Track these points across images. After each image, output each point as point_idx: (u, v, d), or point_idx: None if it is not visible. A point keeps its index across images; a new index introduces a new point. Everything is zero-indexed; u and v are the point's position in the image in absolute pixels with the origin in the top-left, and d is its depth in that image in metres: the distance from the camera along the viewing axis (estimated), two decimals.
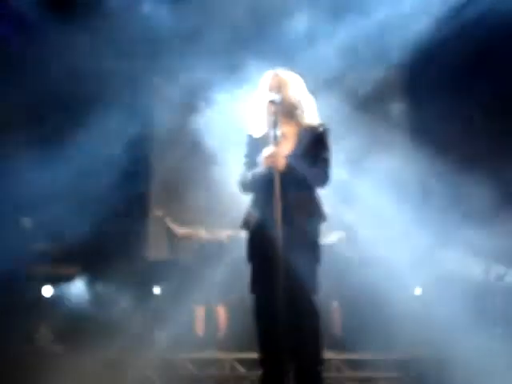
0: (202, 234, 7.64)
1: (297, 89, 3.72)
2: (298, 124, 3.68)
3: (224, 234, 7.61)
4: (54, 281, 7.47)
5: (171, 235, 7.93)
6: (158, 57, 8.33)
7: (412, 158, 7.98)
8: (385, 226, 7.28)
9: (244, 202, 3.85)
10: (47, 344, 6.29)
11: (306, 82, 3.87)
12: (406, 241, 7.21)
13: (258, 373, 3.68)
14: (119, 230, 8.35)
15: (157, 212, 8.01)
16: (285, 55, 6.32)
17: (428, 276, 7.30)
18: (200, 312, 7.34)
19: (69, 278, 7.60)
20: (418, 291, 7.79)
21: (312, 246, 3.54)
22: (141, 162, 9.05)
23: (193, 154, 8.44)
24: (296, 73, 3.80)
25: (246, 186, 3.72)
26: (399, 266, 7.03)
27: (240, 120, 4.18)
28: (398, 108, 8.52)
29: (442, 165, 7.43)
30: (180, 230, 7.84)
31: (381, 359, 6.38)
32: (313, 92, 3.87)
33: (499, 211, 6.85)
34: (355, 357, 6.56)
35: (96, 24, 7.58)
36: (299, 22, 7.08)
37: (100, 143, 7.64)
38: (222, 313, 7.35)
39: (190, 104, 8.07)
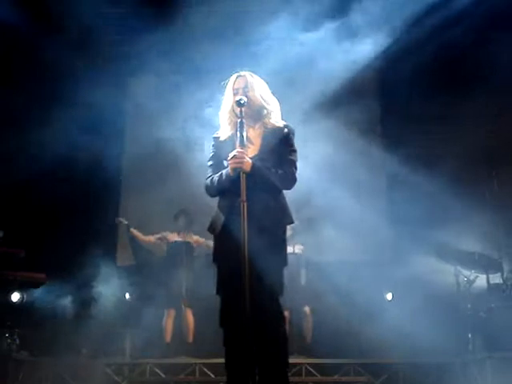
0: (172, 236, 7.60)
1: (262, 91, 3.72)
2: (264, 125, 3.68)
3: (194, 238, 7.58)
4: (23, 286, 7.34)
5: (135, 243, 7.88)
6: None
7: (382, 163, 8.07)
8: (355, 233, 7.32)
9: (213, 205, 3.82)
10: (13, 350, 6.17)
11: (275, 85, 3.88)
12: (377, 246, 7.26)
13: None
14: (88, 236, 8.30)
15: (121, 219, 7.92)
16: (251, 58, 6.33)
17: (398, 281, 7.34)
18: (170, 316, 7.27)
19: (37, 284, 7.47)
20: (388, 296, 7.83)
21: (278, 248, 3.52)
22: (112, 170, 9.00)
23: (164, 159, 8.44)
24: (261, 75, 3.81)
25: (212, 189, 3.69)
26: (370, 271, 7.07)
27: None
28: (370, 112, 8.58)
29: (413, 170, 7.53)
30: (145, 237, 7.77)
31: (351, 363, 6.38)
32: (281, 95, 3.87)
33: (470, 216, 6.93)
34: (325, 361, 6.56)
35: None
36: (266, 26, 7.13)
37: (69, 146, 7.59)
38: (190, 317, 7.30)
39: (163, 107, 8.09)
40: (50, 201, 8.45)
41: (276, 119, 3.71)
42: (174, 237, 7.60)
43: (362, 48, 7.17)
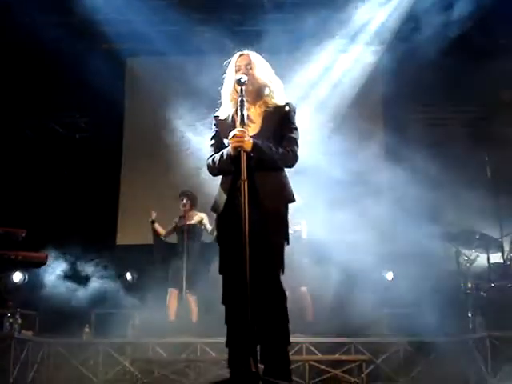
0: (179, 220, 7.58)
1: (264, 69, 3.69)
2: (265, 104, 3.66)
3: (197, 218, 7.56)
4: (24, 266, 7.37)
5: (156, 235, 7.75)
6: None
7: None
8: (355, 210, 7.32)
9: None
10: (15, 330, 6.21)
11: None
12: (378, 225, 7.26)
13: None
14: (90, 217, 8.33)
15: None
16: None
17: (399, 260, 7.35)
18: (172, 295, 7.26)
19: (39, 264, 7.49)
20: (389, 276, 7.85)
21: (279, 226, 3.52)
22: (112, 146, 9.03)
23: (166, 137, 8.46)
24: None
25: (214, 168, 3.68)
26: (370, 250, 7.08)
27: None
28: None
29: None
30: (166, 232, 7.73)
31: (352, 342, 6.41)
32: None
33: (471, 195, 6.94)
34: (326, 340, 6.59)
35: None
36: None
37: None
38: (190, 298, 7.31)
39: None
40: (51, 179, 8.48)
41: (278, 98, 3.68)
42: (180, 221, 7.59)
43: None
